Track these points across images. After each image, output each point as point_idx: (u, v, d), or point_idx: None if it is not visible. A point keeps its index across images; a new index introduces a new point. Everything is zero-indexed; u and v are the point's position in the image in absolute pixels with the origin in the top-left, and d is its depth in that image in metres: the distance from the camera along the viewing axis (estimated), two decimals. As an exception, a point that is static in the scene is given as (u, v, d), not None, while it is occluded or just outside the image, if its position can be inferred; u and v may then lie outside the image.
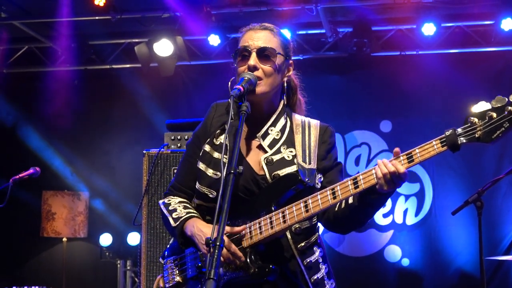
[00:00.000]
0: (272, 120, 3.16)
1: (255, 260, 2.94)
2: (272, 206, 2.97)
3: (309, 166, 3.07)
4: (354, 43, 8.35)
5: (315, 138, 3.17)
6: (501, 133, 2.61)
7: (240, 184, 3.01)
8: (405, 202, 8.82)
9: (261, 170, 3.05)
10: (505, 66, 8.45)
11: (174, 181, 3.32)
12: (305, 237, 3.07)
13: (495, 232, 8.43)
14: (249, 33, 3.17)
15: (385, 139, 8.95)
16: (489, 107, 2.65)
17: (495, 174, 4.80)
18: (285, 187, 3.00)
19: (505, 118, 2.61)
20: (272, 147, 3.10)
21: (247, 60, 3.07)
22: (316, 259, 3.11)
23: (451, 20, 8.39)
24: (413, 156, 2.80)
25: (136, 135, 8.95)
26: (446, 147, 2.71)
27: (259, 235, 2.93)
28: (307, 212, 2.90)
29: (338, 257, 8.72)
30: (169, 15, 8.16)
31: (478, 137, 2.66)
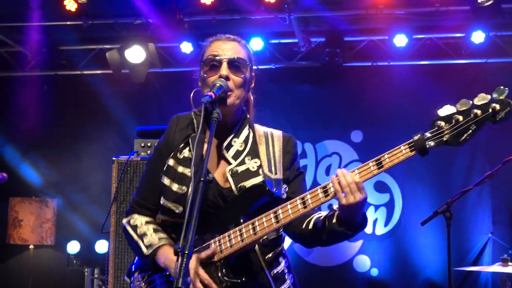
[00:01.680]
0: (235, 131, 3.13)
1: (226, 274, 2.91)
2: (241, 218, 2.95)
3: (275, 176, 3.06)
4: (327, 53, 8.38)
5: (279, 148, 3.15)
6: (469, 136, 2.65)
7: (206, 198, 2.96)
8: (375, 212, 8.86)
9: (226, 183, 3.01)
10: (475, 79, 8.53)
11: (137, 197, 3.23)
12: (272, 248, 3.07)
13: (463, 242, 8.50)
14: (217, 43, 3.14)
15: (356, 149, 8.99)
16: (455, 111, 2.70)
17: (464, 185, 4.84)
18: (253, 198, 2.98)
19: (472, 121, 2.66)
20: (236, 159, 3.07)
21: (217, 70, 3.04)
22: (282, 270, 3.11)
23: (423, 32, 8.47)
24: (382, 162, 2.82)
25: (106, 141, 8.89)
26: (415, 151, 2.75)
27: (230, 248, 2.91)
28: (277, 222, 2.88)
29: (307, 267, 8.73)
30: (141, 21, 8.15)
31: (446, 141, 2.71)
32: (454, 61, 8.73)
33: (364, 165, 2.83)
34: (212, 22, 7.95)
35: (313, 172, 8.98)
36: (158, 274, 3.05)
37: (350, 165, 8.92)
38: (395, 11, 7.87)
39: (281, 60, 8.94)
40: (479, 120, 2.65)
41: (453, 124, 2.69)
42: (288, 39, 8.71)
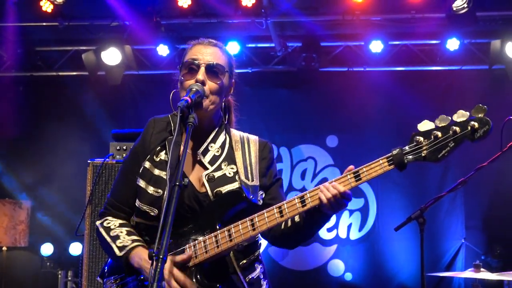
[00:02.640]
0: (212, 137, 3.13)
1: (200, 279, 2.90)
2: (216, 225, 2.94)
3: (252, 183, 3.06)
4: (303, 58, 8.40)
5: (255, 154, 3.16)
6: (447, 153, 2.68)
7: (182, 202, 2.94)
8: (349, 217, 8.88)
9: (203, 187, 3.00)
10: (449, 85, 8.60)
11: (111, 199, 3.21)
12: (247, 254, 3.06)
13: (437, 248, 8.57)
14: (197, 47, 3.12)
15: (331, 154, 9.01)
16: (434, 127, 2.71)
17: (438, 191, 4.87)
18: (229, 204, 2.98)
19: (450, 137, 2.68)
20: (213, 164, 3.07)
21: (194, 74, 3.02)
22: (257, 275, 3.10)
23: (398, 38, 8.51)
24: (360, 175, 2.81)
25: (81, 144, 8.82)
26: (393, 165, 2.76)
27: (205, 254, 2.90)
28: (253, 230, 2.88)
29: (282, 271, 8.73)
30: (117, 23, 8.11)
31: (424, 156, 2.72)
32: (429, 67, 8.79)
33: (343, 177, 2.84)
34: (189, 25, 7.95)
35: (289, 176, 8.98)
36: (132, 277, 3.02)
37: (325, 169, 8.96)
38: (371, 17, 7.90)
39: (257, 64, 8.94)
40: (457, 138, 2.68)
41: (432, 140, 2.72)
42: (265, 43, 8.71)
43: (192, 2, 7.57)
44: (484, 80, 8.53)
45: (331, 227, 8.86)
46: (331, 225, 8.86)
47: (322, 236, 8.83)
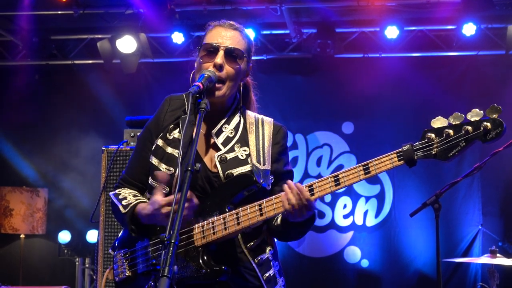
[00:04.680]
0: (226, 118, 3.12)
1: (207, 260, 2.91)
2: (226, 207, 2.94)
3: (263, 167, 3.05)
4: (318, 44, 8.37)
5: (269, 138, 3.13)
6: (457, 152, 2.68)
7: (194, 182, 2.93)
8: (366, 204, 8.87)
9: (214, 168, 3.00)
10: (465, 71, 8.55)
11: (125, 175, 3.25)
12: (255, 236, 3.06)
13: (453, 234, 8.55)
14: (218, 29, 3.08)
15: (346, 141, 8.99)
16: (446, 124, 2.70)
17: (455, 177, 4.86)
18: (239, 187, 2.97)
19: (462, 137, 2.67)
20: (226, 145, 3.06)
21: (213, 57, 3.00)
22: (267, 257, 3.09)
23: (414, 24, 8.47)
24: (369, 168, 2.81)
25: (96, 131, 8.88)
26: (403, 161, 2.76)
27: (212, 235, 2.91)
28: (261, 215, 2.89)
29: (298, 258, 8.76)
30: (132, 11, 8.10)
31: (434, 154, 2.71)
32: (445, 53, 8.73)
33: (352, 169, 2.82)
34: (203, 12, 7.93)
35: (304, 163, 8.98)
36: (141, 252, 3.05)
37: (340, 156, 8.94)
38: (386, 3, 7.86)
39: (272, 51, 8.92)
40: (469, 138, 2.67)
41: (444, 138, 2.70)
42: (280, 30, 8.69)
43: (207, -12, 7.59)
44: (501, 65, 8.50)
45: (347, 214, 8.87)
46: (347, 212, 8.87)
47: (338, 223, 8.84)
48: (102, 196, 5.44)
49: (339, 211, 8.90)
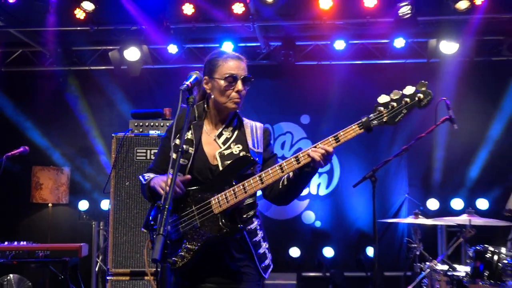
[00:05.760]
0: (227, 123, 3.26)
1: (225, 222, 2.99)
2: (233, 181, 3.03)
3: (258, 150, 3.19)
4: (282, 54, 8.41)
5: (261, 135, 3.27)
6: (402, 117, 2.85)
7: (199, 170, 3.11)
8: (319, 178, 8.96)
9: (215, 161, 3.12)
10: (396, 75, 8.63)
11: (152, 165, 3.36)
12: (247, 211, 3.18)
13: (386, 201, 8.67)
14: (234, 62, 3.25)
15: (304, 129, 9.07)
16: (389, 99, 2.87)
17: (387, 157, 4.91)
18: (242, 165, 3.06)
19: (403, 106, 2.86)
20: (225, 144, 3.19)
21: (234, 84, 3.19)
22: (255, 227, 3.22)
23: (357, 38, 8.52)
24: (339, 137, 2.94)
25: (108, 122, 8.86)
26: (363, 129, 2.90)
27: (227, 203, 2.99)
28: (262, 183, 2.99)
29: (266, 220, 8.81)
30: (136, 28, 8.09)
31: (385, 121, 2.87)
32: (381, 61, 8.83)
33: (325, 140, 2.96)
34: (192, 29, 7.92)
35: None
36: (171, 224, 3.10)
37: (299, 141, 9.01)
38: (335, 22, 7.90)
39: (247, 59, 8.86)
40: (408, 106, 2.85)
41: (390, 109, 2.87)
42: (252, 43, 8.70)
43: (195, 10, 7.57)
44: (423, 71, 8.59)
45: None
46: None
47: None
48: (112, 173, 5.45)
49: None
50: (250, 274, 3.16)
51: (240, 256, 3.14)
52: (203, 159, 3.14)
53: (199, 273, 3.11)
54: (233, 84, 3.19)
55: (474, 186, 8.44)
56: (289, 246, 8.77)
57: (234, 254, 3.12)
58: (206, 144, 3.19)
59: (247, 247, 3.16)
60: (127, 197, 5.43)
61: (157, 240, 2.44)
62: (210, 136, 3.23)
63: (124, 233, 5.41)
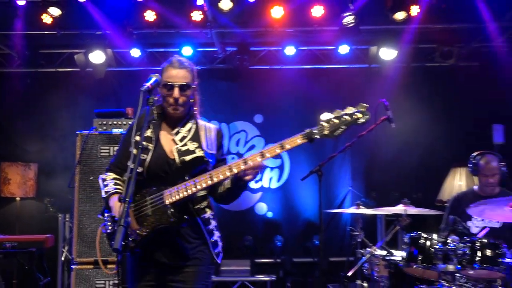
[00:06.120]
0: (182, 123, 3.31)
1: (174, 213, 3.06)
2: (186, 177, 3.11)
3: (211, 152, 3.26)
4: (237, 59, 8.41)
5: (214, 137, 3.34)
6: (340, 132, 3.01)
7: (158, 165, 3.15)
8: (271, 172, 8.99)
9: (172, 156, 3.17)
10: (341, 79, 8.73)
11: (114, 161, 3.38)
12: (200, 202, 3.24)
13: (331, 193, 8.77)
14: (172, 70, 3.25)
15: (257, 128, 9.07)
16: (332, 116, 3.01)
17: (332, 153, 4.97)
18: (195, 165, 3.15)
19: (343, 123, 3.00)
20: (182, 141, 3.24)
21: (172, 91, 3.21)
22: (208, 216, 3.29)
23: (305, 45, 8.58)
24: (283, 145, 3.06)
25: (73, 120, 8.63)
26: (306, 140, 3.04)
27: (178, 196, 3.06)
28: (211, 180, 3.07)
29: (222, 211, 8.78)
30: (101, 32, 7.96)
31: (326, 134, 3.02)
32: (327, 66, 8.89)
33: (271, 147, 3.07)
34: (154, 34, 7.83)
35: (227, 144, 9.02)
36: None
37: (253, 139, 9.00)
38: (286, 29, 7.95)
39: (205, 63, 8.91)
40: (347, 123, 3.00)
41: (331, 124, 3.00)
42: (210, 48, 8.67)
43: (156, 16, 7.49)
44: (365, 75, 8.72)
45: (257, 180, 8.95)
46: (258, 178, 8.94)
47: (251, 186, 8.92)
48: (76, 168, 5.37)
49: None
50: (203, 258, 3.23)
51: (195, 242, 3.21)
52: (162, 155, 3.18)
53: (156, 257, 3.16)
54: (170, 92, 3.22)
55: (409, 179, 8.59)
56: (243, 235, 8.76)
57: (190, 240, 3.19)
58: (164, 141, 3.24)
59: (202, 234, 3.23)
60: (91, 191, 5.35)
61: (118, 230, 2.45)
62: (168, 134, 3.27)
63: (89, 224, 5.33)
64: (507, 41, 8.26)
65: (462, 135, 8.52)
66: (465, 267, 4.37)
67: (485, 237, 4.50)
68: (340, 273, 6.30)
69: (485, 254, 4.33)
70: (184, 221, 3.09)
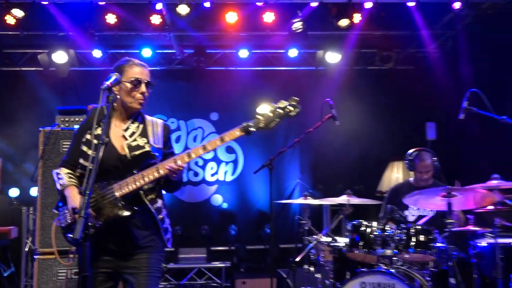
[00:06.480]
0: (132, 120, 3.27)
1: (125, 204, 3.04)
2: (134, 171, 3.09)
3: (158, 146, 3.23)
4: (194, 60, 8.35)
5: (161, 132, 3.31)
6: (275, 124, 3.04)
7: (109, 160, 3.09)
8: (226, 166, 8.98)
9: (123, 151, 3.14)
10: (290, 79, 8.77)
11: (66, 158, 3.31)
12: (151, 193, 3.20)
13: (281, 185, 8.84)
14: (139, 68, 3.24)
15: (213, 125, 9.05)
16: (268, 110, 3.05)
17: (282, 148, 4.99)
18: (143, 159, 3.13)
19: (277, 116, 3.04)
20: (131, 137, 3.20)
21: (139, 87, 3.20)
22: (160, 206, 3.25)
23: (258, 48, 8.60)
24: (223, 138, 3.08)
25: (37, 117, 8.37)
26: (244, 133, 3.06)
27: (127, 188, 3.05)
28: (158, 173, 3.06)
29: (180, 202, 8.74)
30: (64, 34, 7.75)
31: (262, 126, 3.05)
32: (278, 68, 8.94)
33: (213, 140, 3.09)
34: (115, 36, 7.70)
35: (185, 140, 8.95)
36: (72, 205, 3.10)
37: (209, 135, 8.98)
38: (240, 33, 7.93)
39: (164, 64, 8.80)
40: (280, 116, 3.04)
41: (266, 117, 3.04)
42: (169, 50, 8.57)
43: (117, 20, 7.33)
44: (312, 76, 8.80)
45: (213, 173, 8.94)
46: (213, 172, 8.93)
47: (207, 179, 8.90)
48: (39, 163, 5.22)
49: (208, 171, 8.95)
50: (156, 246, 3.22)
51: (148, 230, 3.20)
52: (113, 150, 3.15)
53: (111, 246, 3.14)
54: (138, 87, 3.20)
55: (352, 172, 8.72)
56: (200, 225, 8.70)
57: (143, 228, 3.17)
58: (115, 137, 3.20)
59: (155, 222, 3.21)
60: (54, 184, 5.16)
61: (78, 221, 2.40)
62: (118, 131, 3.24)
63: (51, 216, 5.18)
64: (439, 47, 8.51)
65: (400, 132, 8.73)
66: (401, 251, 4.46)
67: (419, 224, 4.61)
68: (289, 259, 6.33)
69: (419, 240, 4.44)
70: (135, 212, 3.07)
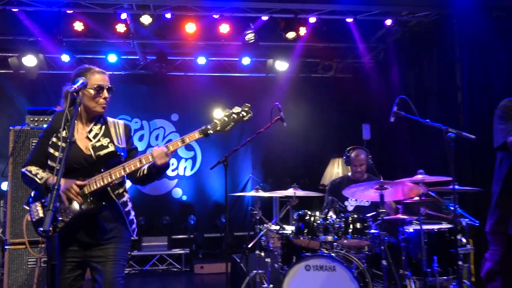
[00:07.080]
0: (95, 122, 3.18)
1: (93, 200, 2.97)
2: (101, 169, 3.01)
3: (122, 146, 3.16)
4: (157, 66, 8.21)
5: (123, 131, 3.23)
6: (230, 127, 2.98)
7: (75, 160, 3.00)
8: (185, 162, 8.91)
9: (88, 151, 3.05)
10: (243, 85, 8.77)
11: (31, 158, 3.15)
12: (118, 188, 3.14)
13: (236, 179, 8.84)
14: (101, 75, 3.14)
15: (174, 125, 8.93)
16: (223, 115, 3.00)
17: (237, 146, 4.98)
18: (109, 158, 3.05)
19: (232, 120, 2.99)
20: (95, 138, 3.12)
21: (101, 92, 3.11)
22: (126, 200, 3.19)
23: (214, 56, 8.55)
24: (184, 139, 3.01)
25: (7, 117, 8.05)
26: (202, 135, 2.98)
27: (95, 185, 2.97)
28: (125, 171, 2.99)
29: (143, 195, 8.60)
30: (33, 39, 7.45)
31: (218, 130, 2.98)
32: (232, 74, 8.91)
33: (175, 141, 3.02)
34: (82, 42, 7.48)
35: (148, 139, 8.81)
36: None
37: (170, 134, 8.87)
38: (198, 42, 7.86)
39: (128, 69, 8.61)
40: (235, 120, 2.99)
41: (222, 121, 2.98)
42: (133, 56, 8.40)
43: (84, 27, 7.10)
44: (263, 82, 8.83)
45: (174, 169, 8.84)
46: (174, 167, 8.83)
47: (168, 174, 8.78)
48: (10, 159, 5.00)
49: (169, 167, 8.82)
50: (122, 237, 3.15)
51: (115, 222, 3.13)
52: (78, 151, 3.05)
53: (79, 237, 3.06)
54: (100, 93, 3.11)
55: (298, 168, 8.82)
56: (162, 215, 8.61)
57: (110, 220, 3.11)
58: (79, 139, 3.11)
59: (121, 215, 3.14)
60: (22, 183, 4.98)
61: (47, 214, 2.30)
62: (82, 133, 3.14)
63: (21, 209, 4.99)
64: (373, 58, 8.71)
65: (339, 132, 8.90)
66: (340, 237, 4.54)
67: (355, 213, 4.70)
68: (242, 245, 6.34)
69: (356, 227, 4.53)
70: (103, 206, 3.00)
